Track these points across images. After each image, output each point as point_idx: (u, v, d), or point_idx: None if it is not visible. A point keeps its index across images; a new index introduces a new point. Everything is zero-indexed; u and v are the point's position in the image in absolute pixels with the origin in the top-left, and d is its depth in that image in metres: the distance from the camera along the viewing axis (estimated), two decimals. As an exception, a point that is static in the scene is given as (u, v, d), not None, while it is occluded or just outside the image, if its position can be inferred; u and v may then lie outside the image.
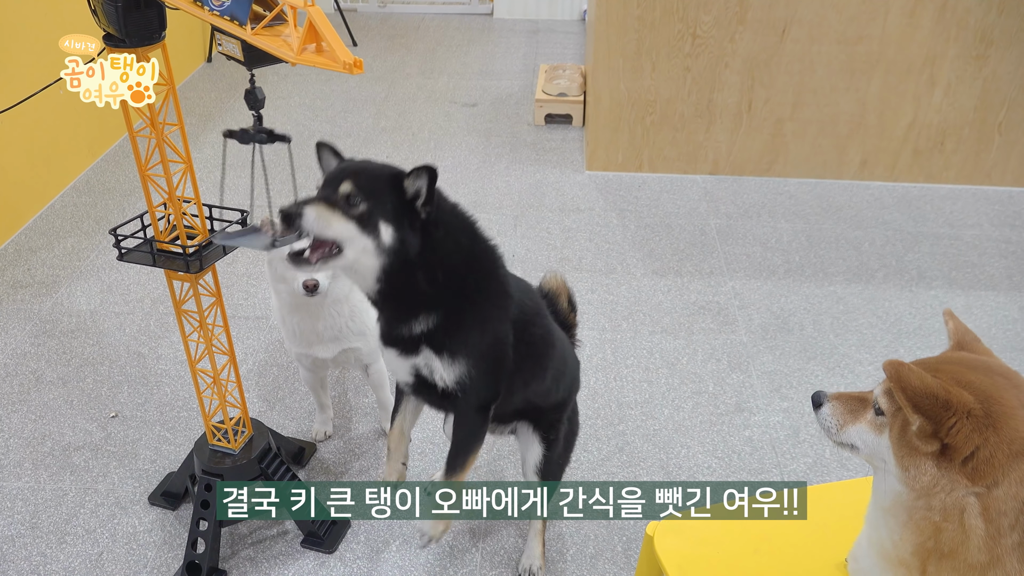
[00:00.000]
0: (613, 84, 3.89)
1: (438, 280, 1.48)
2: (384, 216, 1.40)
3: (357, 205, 1.41)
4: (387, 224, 1.41)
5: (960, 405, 0.99)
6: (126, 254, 1.77)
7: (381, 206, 1.41)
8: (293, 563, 2.16)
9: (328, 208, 1.40)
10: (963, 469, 0.99)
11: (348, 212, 1.41)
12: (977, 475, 0.98)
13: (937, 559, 1.02)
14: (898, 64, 3.74)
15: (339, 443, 2.54)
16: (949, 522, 1.00)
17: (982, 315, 3.13)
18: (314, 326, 2.20)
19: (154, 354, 2.89)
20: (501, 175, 4.11)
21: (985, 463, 0.98)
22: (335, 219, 1.40)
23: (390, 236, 1.41)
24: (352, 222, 1.41)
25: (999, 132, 3.88)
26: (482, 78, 5.31)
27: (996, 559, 0.98)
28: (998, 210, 3.84)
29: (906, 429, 1.04)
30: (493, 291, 1.59)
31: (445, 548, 2.20)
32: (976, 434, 0.98)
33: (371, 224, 1.41)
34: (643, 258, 3.46)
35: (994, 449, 0.98)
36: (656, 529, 1.47)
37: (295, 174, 1.43)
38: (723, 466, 2.47)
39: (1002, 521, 0.98)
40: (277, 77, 5.23)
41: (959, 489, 0.99)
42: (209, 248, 1.77)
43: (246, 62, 1.43)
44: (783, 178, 4.08)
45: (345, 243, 1.42)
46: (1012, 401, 1.00)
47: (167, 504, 2.29)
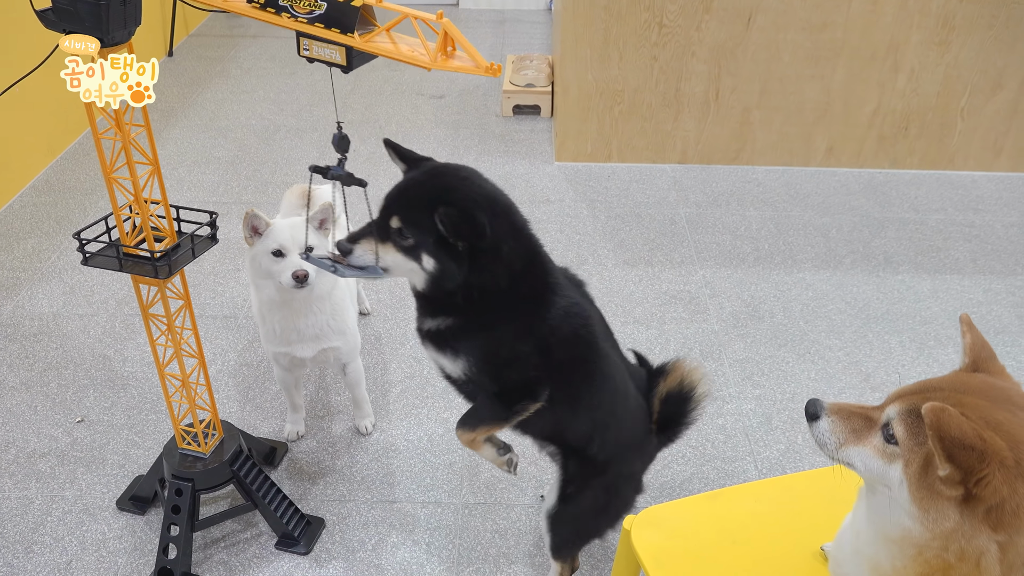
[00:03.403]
0: (581, 74, 3.88)
1: (473, 298, 1.54)
2: (427, 250, 1.49)
3: (405, 239, 1.50)
4: (429, 256, 1.50)
5: (994, 455, 0.94)
6: (91, 258, 1.72)
7: (425, 240, 1.49)
8: (268, 566, 2.14)
9: (378, 243, 1.52)
10: (987, 518, 0.96)
11: (395, 245, 1.52)
12: (1001, 525, 0.95)
13: None
14: (862, 51, 3.77)
15: (312, 442, 2.52)
16: (964, 564, 0.97)
17: (948, 299, 3.17)
18: (295, 324, 2.18)
19: (120, 356, 2.83)
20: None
21: (1011, 514, 0.95)
22: (383, 252, 1.52)
23: (432, 266, 1.50)
24: (400, 253, 1.52)
25: (961, 117, 3.93)
26: (449, 69, 5.27)
27: None
28: (961, 195, 3.90)
29: (927, 469, 0.98)
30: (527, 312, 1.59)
31: (422, 545, 2.19)
32: (1006, 486, 0.94)
33: (415, 255, 1.51)
34: (614, 249, 3.47)
35: (1022, 500, 0.94)
36: (633, 523, 1.47)
37: (371, 211, 1.51)
38: (697, 455, 2.48)
39: (1017, 562, 0.95)
40: (240, 71, 5.15)
41: (980, 537, 0.96)
42: (178, 251, 1.73)
43: (347, 67, 1.50)
44: (751, 166, 4.10)
45: (391, 269, 1.54)
46: None
47: (136, 509, 2.25)
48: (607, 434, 1.75)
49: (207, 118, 4.55)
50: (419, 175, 1.58)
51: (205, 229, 1.78)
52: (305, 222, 2.03)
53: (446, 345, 1.61)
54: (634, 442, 1.84)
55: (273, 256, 2.05)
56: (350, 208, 2.00)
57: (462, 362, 1.61)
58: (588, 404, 1.71)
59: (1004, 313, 3.09)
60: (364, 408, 2.54)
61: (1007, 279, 3.29)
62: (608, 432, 1.75)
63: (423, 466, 2.43)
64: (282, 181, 3.92)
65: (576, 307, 1.64)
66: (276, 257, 2.05)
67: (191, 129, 4.40)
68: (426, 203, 1.48)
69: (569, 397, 1.69)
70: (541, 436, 1.84)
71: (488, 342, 1.59)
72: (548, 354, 1.61)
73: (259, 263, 2.07)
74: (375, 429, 2.56)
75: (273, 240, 2.05)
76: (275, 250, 2.05)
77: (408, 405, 2.65)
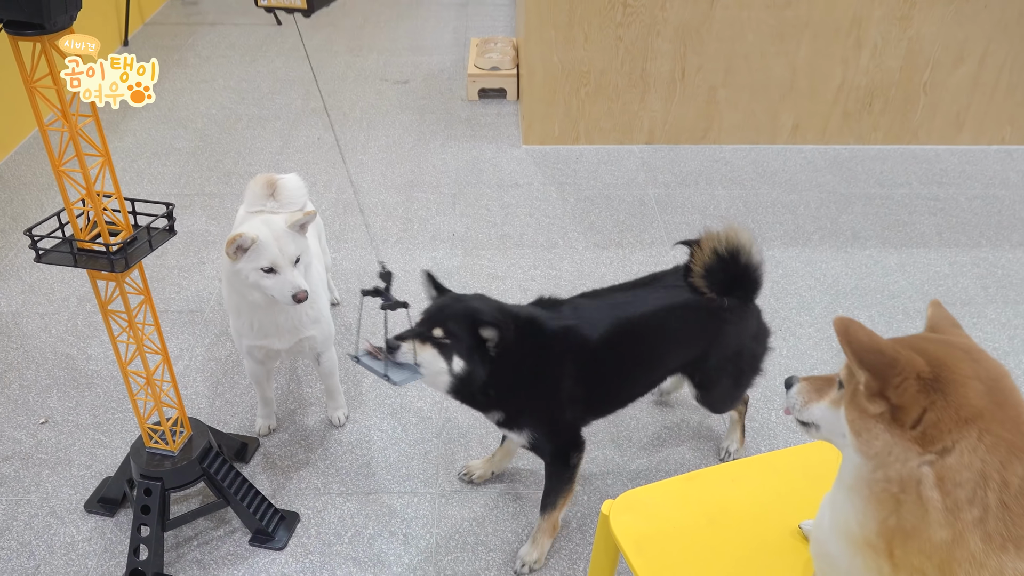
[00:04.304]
0: (546, 56, 3.84)
1: (492, 395, 1.93)
2: (460, 353, 1.84)
3: (443, 344, 1.83)
4: (460, 359, 1.84)
5: (908, 364, 0.98)
6: (44, 255, 1.67)
7: (460, 346, 1.84)
8: (242, 563, 2.10)
9: (420, 344, 1.84)
10: (912, 433, 0.98)
11: (434, 346, 1.84)
12: (926, 440, 0.97)
13: (902, 540, 1.00)
14: (826, 27, 3.78)
15: (284, 436, 2.48)
16: (907, 494, 0.99)
17: (915, 272, 3.20)
18: (275, 319, 2.15)
19: (83, 355, 2.77)
20: (437, 153, 4.05)
21: (933, 427, 0.97)
22: (423, 352, 1.84)
23: (460, 367, 1.85)
24: (437, 354, 1.84)
25: (924, 92, 3.96)
26: (412, 54, 5.21)
27: (958, 537, 0.96)
28: (925, 168, 3.93)
29: (857, 393, 1.03)
30: (550, 382, 1.96)
31: (399, 536, 2.17)
32: (923, 396, 0.97)
33: (448, 357, 1.84)
34: (584, 231, 3.45)
35: (942, 413, 0.96)
36: (611, 507, 1.46)
37: (410, 319, 1.92)
38: (672, 436, 2.49)
39: (959, 494, 0.96)
40: (199, 60, 5.05)
41: (912, 458, 0.98)
42: (135, 244, 1.68)
43: (308, 10, 1.52)
44: (718, 145, 4.10)
45: (423, 367, 1.84)
46: (966, 371, 0.99)
47: (105, 511, 2.21)
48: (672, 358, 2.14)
49: (166, 108, 4.44)
50: (453, 297, 1.96)
51: (162, 221, 1.73)
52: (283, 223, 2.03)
53: (512, 427, 2.01)
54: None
55: (263, 271, 2.01)
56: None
57: (527, 434, 2.00)
58: (652, 363, 2.11)
59: (970, 285, 3.13)
60: (337, 399, 2.50)
61: (972, 251, 3.33)
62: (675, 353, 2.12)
63: (398, 456, 2.41)
64: (245, 171, 3.85)
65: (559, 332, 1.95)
66: (267, 273, 2.01)
67: (150, 120, 4.30)
68: (465, 318, 1.86)
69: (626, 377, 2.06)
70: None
71: (531, 411, 1.99)
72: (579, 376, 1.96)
73: (246, 277, 2.02)
74: (348, 420, 2.53)
75: (263, 258, 2.00)
76: (266, 267, 2.01)
77: (381, 395, 2.62)
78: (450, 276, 3.13)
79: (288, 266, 2.02)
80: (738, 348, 2.15)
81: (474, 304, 1.91)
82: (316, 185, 3.73)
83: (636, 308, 2.02)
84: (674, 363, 2.16)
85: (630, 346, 2.01)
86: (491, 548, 2.14)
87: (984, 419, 0.96)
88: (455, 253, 3.29)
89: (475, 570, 2.09)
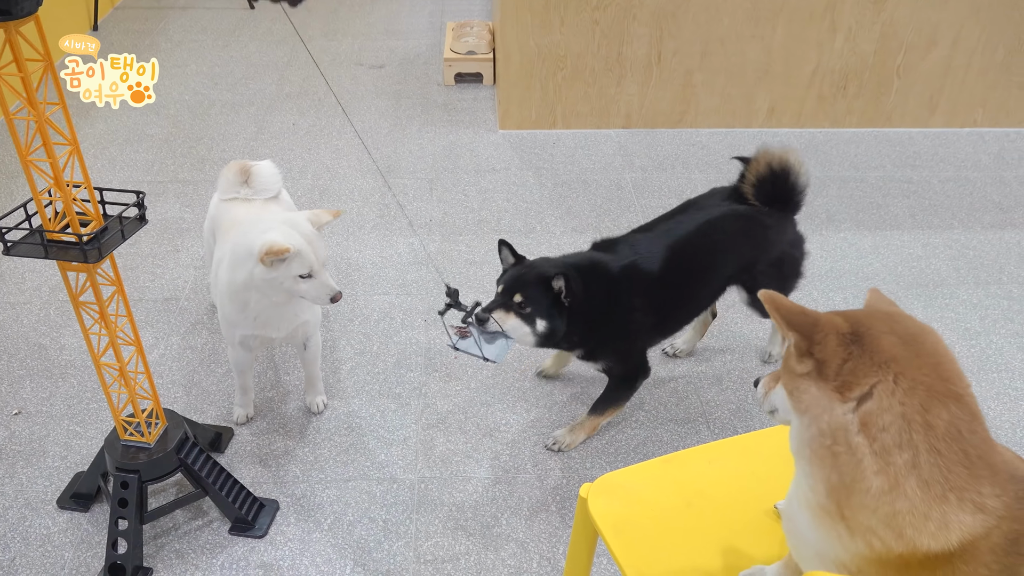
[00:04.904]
0: (522, 40, 3.83)
1: (574, 339, 2.21)
2: (540, 315, 2.11)
3: (524, 309, 2.10)
4: (542, 319, 2.11)
5: (828, 323, 1.07)
6: (13, 247, 1.64)
7: (539, 308, 2.10)
8: (222, 552, 2.10)
9: (504, 313, 2.10)
10: (834, 383, 1.04)
11: (517, 314, 2.10)
12: (846, 388, 1.03)
13: (847, 496, 1.03)
14: (800, 11, 3.79)
15: (262, 424, 2.47)
16: (840, 445, 1.03)
17: (888, 254, 3.23)
18: (282, 312, 2.16)
19: (56, 345, 2.73)
20: (414, 138, 4.02)
21: (851, 374, 1.03)
22: (508, 320, 2.10)
23: (544, 326, 2.12)
24: (520, 320, 2.11)
25: (898, 75, 3.99)
26: (388, 38, 5.17)
27: (895, 484, 1.00)
28: (899, 151, 3.97)
29: (790, 357, 1.11)
30: (621, 318, 2.21)
31: (379, 523, 2.17)
32: (842, 348, 1.05)
33: (532, 320, 2.11)
34: (561, 216, 3.45)
35: (858, 362, 1.03)
36: (590, 491, 1.47)
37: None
38: (650, 418, 2.50)
39: (885, 438, 1.00)
40: (171, 44, 4.98)
41: (836, 407, 1.03)
42: (106, 234, 1.66)
43: None
44: (695, 128, 4.11)
45: (512, 332, 2.11)
46: (882, 327, 1.06)
47: (79, 506, 2.18)
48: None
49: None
50: (525, 266, 2.18)
51: (133, 210, 1.71)
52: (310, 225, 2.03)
53: (590, 359, 2.31)
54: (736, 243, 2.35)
55: (300, 278, 2.01)
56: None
57: (603, 363, 2.30)
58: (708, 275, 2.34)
59: (942, 266, 3.17)
60: (317, 386, 2.49)
61: (944, 233, 3.37)
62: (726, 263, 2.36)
63: (377, 442, 2.41)
64: (219, 158, 3.80)
65: (622, 271, 2.19)
66: (303, 279, 2.01)
67: (121, 106, 4.23)
68: (539, 281, 2.10)
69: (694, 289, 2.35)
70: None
71: (608, 345, 2.26)
72: (647, 306, 2.22)
73: (280, 283, 2.01)
74: (326, 407, 2.52)
75: (302, 266, 1.99)
76: (304, 274, 2.00)
77: (359, 382, 2.61)
78: (427, 262, 3.12)
79: (323, 270, 2.03)
80: (780, 254, 2.39)
81: (542, 267, 2.15)
82: (291, 171, 3.70)
83: (684, 231, 2.26)
84: (727, 272, 2.37)
85: (687, 267, 2.26)
86: (471, 533, 2.15)
87: (899, 364, 1.02)
88: (432, 239, 3.28)
89: (455, 554, 2.10)
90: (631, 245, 2.25)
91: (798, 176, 2.28)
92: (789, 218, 2.40)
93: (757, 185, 2.27)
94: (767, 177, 2.26)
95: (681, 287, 2.29)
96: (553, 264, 2.17)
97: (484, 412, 2.52)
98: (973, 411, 1.02)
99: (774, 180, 2.26)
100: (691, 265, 2.28)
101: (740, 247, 2.34)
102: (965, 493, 0.99)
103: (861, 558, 1.05)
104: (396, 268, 3.11)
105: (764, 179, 2.26)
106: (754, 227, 2.32)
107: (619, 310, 2.20)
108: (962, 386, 1.03)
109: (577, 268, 2.16)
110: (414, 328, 2.82)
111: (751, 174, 2.27)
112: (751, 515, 1.46)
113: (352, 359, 2.70)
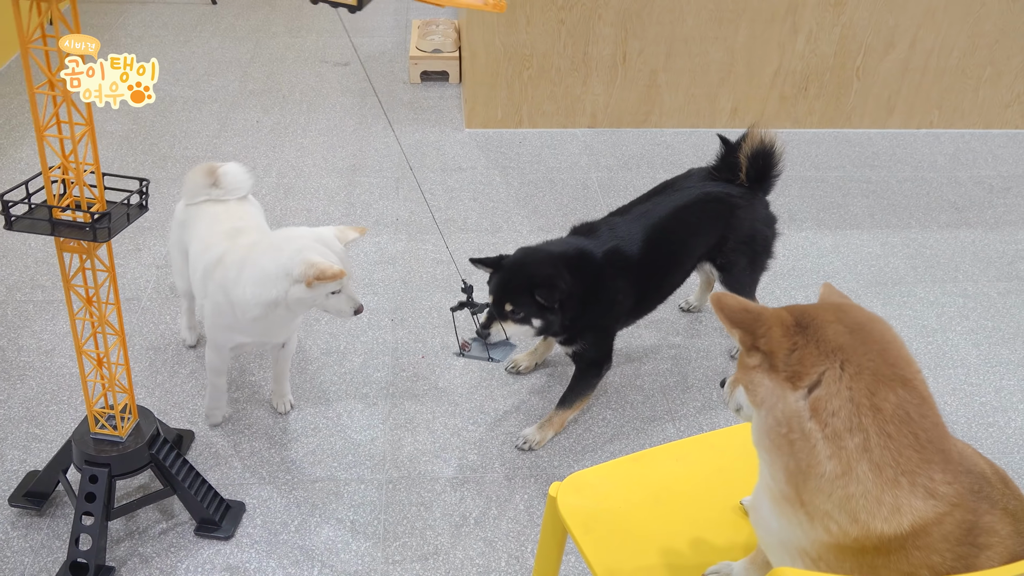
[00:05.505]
0: (488, 39, 3.83)
1: (567, 324, 2.27)
2: (534, 316, 2.21)
3: (518, 315, 2.21)
4: (537, 319, 2.22)
5: (772, 316, 1.11)
6: (16, 221, 1.62)
7: (530, 311, 2.21)
8: (187, 554, 2.07)
9: (501, 323, 2.23)
10: (785, 374, 1.07)
11: (512, 320, 2.22)
12: (796, 377, 1.06)
13: (803, 481, 1.06)
14: (763, 12, 3.84)
15: (228, 425, 2.44)
16: (794, 432, 1.06)
17: (848, 253, 3.30)
18: (291, 321, 2.18)
19: (14, 346, 2.68)
20: (379, 136, 4.00)
21: (799, 363, 1.06)
22: (506, 327, 2.24)
23: (539, 324, 2.23)
24: (517, 325, 2.23)
25: (857, 77, 4.06)
26: (353, 35, 5.13)
27: (847, 468, 1.02)
28: (858, 151, 4.04)
29: (742, 354, 1.14)
30: (607, 302, 2.31)
31: (346, 523, 2.16)
32: (787, 339, 1.08)
33: (527, 322, 2.23)
34: (528, 215, 3.46)
35: (804, 351, 1.07)
36: (559, 489, 1.48)
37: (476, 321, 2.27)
38: (617, 417, 2.52)
39: (836, 423, 1.03)
40: (130, 40, 4.89)
41: (788, 395, 1.06)
42: (115, 216, 1.65)
43: (356, 6, 1.54)
44: (659, 128, 4.15)
45: (511, 337, 2.26)
46: (828, 317, 1.09)
47: (31, 505, 2.13)
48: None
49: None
50: (507, 271, 2.23)
51: (135, 197, 1.71)
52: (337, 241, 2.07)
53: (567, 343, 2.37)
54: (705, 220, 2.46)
55: (330, 293, 2.03)
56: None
57: (577, 345, 2.35)
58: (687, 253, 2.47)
59: (900, 265, 3.24)
60: (284, 386, 2.47)
61: (902, 232, 3.44)
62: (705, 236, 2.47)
63: (344, 443, 2.40)
64: (181, 155, 3.75)
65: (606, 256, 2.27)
66: (334, 294, 2.03)
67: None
68: (524, 289, 2.18)
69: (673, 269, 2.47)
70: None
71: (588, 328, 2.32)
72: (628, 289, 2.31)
73: (312, 300, 2.01)
74: (293, 408, 2.50)
75: (337, 283, 2.01)
76: (336, 290, 2.03)
77: (326, 382, 2.60)
78: (393, 261, 3.11)
79: (350, 284, 2.04)
80: (751, 232, 2.48)
81: (528, 270, 2.22)
82: (256, 169, 3.66)
83: (660, 212, 2.36)
84: (699, 251, 2.48)
85: (664, 249, 2.36)
86: (439, 532, 2.15)
87: (845, 351, 1.05)
88: (399, 238, 3.27)
89: (423, 554, 2.10)
90: (611, 228, 2.32)
91: (779, 160, 2.44)
92: (761, 198, 2.50)
93: (751, 158, 2.39)
94: (760, 152, 2.39)
95: (658, 269, 2.39)
96: (537, 259, 2.24)
97: (451, 411, 2.52)
98: (922, 395, 1.05)
99: (765, 156, 2.40)
100: (668, 247, 2.38)
101: (711, 227, 2.44)
102: (916, 478, 1.01)
103: (820, 544, 1.07)
104: (362, 267, 3.10)
105: (757, 153, 2.39)
106: (724, 208, 2.42)
107: (604, 294, 2.28)
108: (910, 371, 1.06)
109: (563, 258, 2.24)
110: (381, 328, 2.81)
111: (747, 146, 2.39)
112: (718, 511, 1.48)
113: (318, 359, 2.68)
